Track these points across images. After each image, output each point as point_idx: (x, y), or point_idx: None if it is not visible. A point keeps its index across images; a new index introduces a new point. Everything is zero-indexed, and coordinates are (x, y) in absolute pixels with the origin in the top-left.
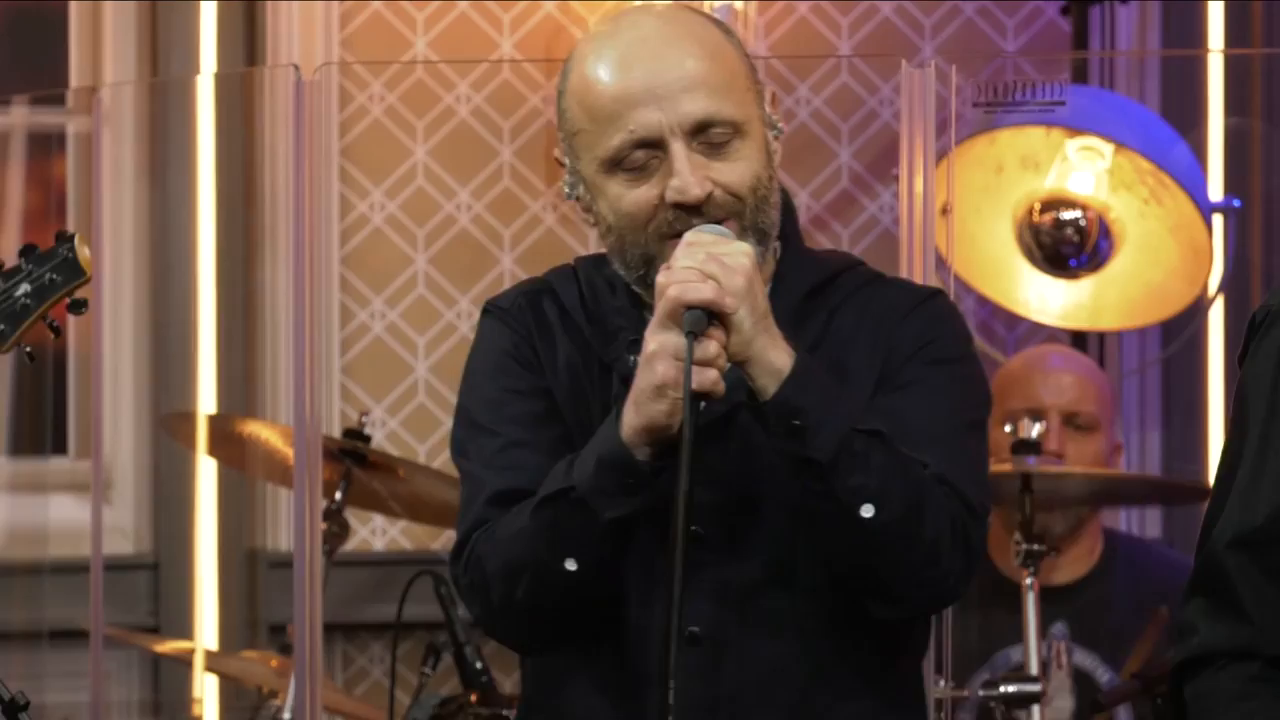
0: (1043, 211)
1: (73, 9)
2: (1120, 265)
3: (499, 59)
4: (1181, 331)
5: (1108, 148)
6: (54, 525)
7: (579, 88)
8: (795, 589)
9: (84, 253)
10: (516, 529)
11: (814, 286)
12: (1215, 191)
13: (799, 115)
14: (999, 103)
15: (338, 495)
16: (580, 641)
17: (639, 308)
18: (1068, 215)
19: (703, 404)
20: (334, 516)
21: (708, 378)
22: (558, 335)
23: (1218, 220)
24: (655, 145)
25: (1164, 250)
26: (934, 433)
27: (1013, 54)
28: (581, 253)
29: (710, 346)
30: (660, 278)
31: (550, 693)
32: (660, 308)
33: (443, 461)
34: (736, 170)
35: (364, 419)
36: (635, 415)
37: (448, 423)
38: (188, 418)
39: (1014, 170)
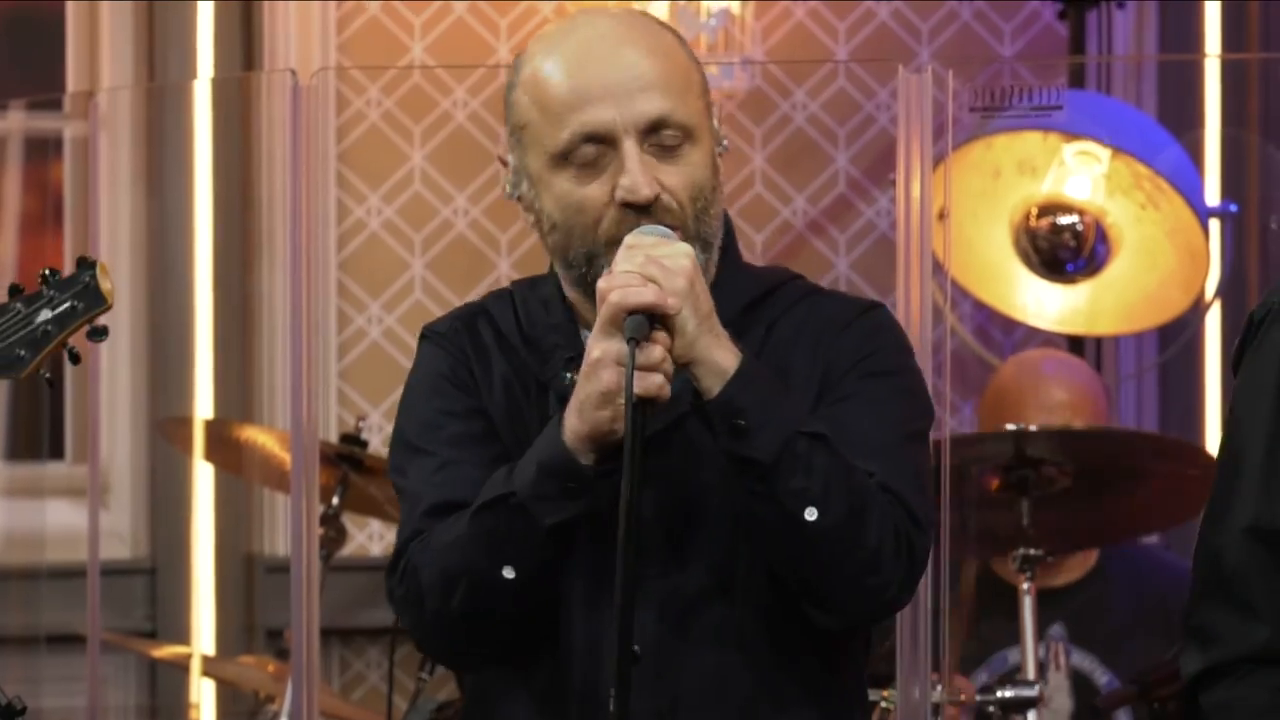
0: (1040, 216)
1: (69, 13)
2: (1117, 270)
3: (496, 64)
4: (1178, 336)
5: (1104, 152)
6: (51, 530)
7: (531, 81)
8: (737, 600)
9: (105, 281)
10: (453, 537)
11: (752, 299)
12: (1212, 196)
13: (795, 120)
14: (996, 107)
15: (334, 500)
16: (517, 655)
17: (575, 324)
18: (1065, 220)
19: (648, 411)
20: (331, 521)
21: (652, 383)
22: (494, 357)
23: (1215, 225)
24: (606, 142)
25: (1161, 255)
26: (874, 444)
27: (1009, 59)
28: None
29: (654, 351)
30: (601, 283)
31: (486, 706)
32: (602, 314)
33: None
34: (683, 175)
35: (361, 424)
36: (579, 422)
37: None
38: (185, 422)
39: (1011, 175)
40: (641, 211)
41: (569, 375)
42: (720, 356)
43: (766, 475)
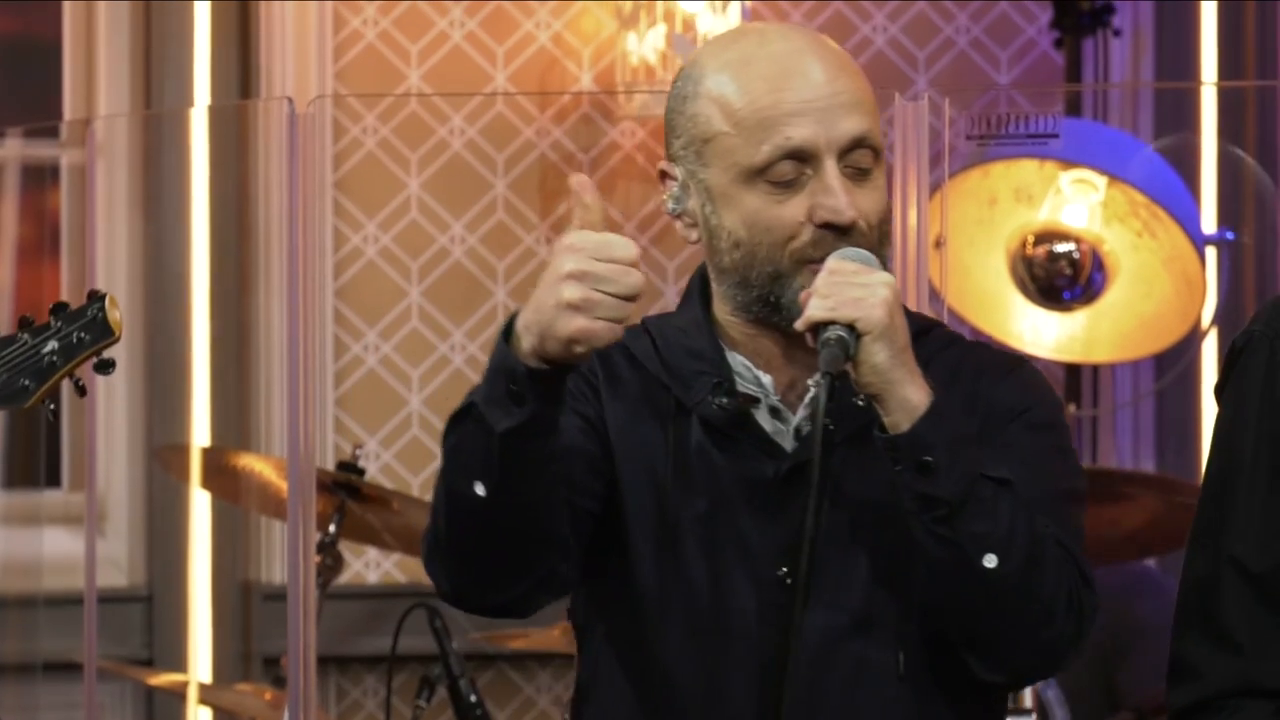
0: (1036, 244)
1: (67, 40)
2: (1114, 298)
3: (493, 92)
4: (1175, 364)
5: (1101, 180)
6: (48, 557)
7: (721, 93)
8: (877, 638)
9: (114, 314)
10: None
11: (912, 335)
12: (1209, 224)
13: None
14: (992, 135)
15: (331, 528)
16: (526, 605)
17: (722, 350)
18: (1061, 248)
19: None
20: (328, 549)
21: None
22: (625, 375)
23: (1211, 253)
24: (806, 160)
25: (1157, 283)
26: (1038, 497)
27: (1006, 86)
28: None
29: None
30: (801, 298)
31: None
32: (800, 321)
33: None
34: (872, 198)
35: (357, 452)
36: (533, 315)
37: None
38: (181, 450)
39: (1007, 203)
40: (840, 233)
41: (716, 401)
42: (912, 393)
43: (950, 516)
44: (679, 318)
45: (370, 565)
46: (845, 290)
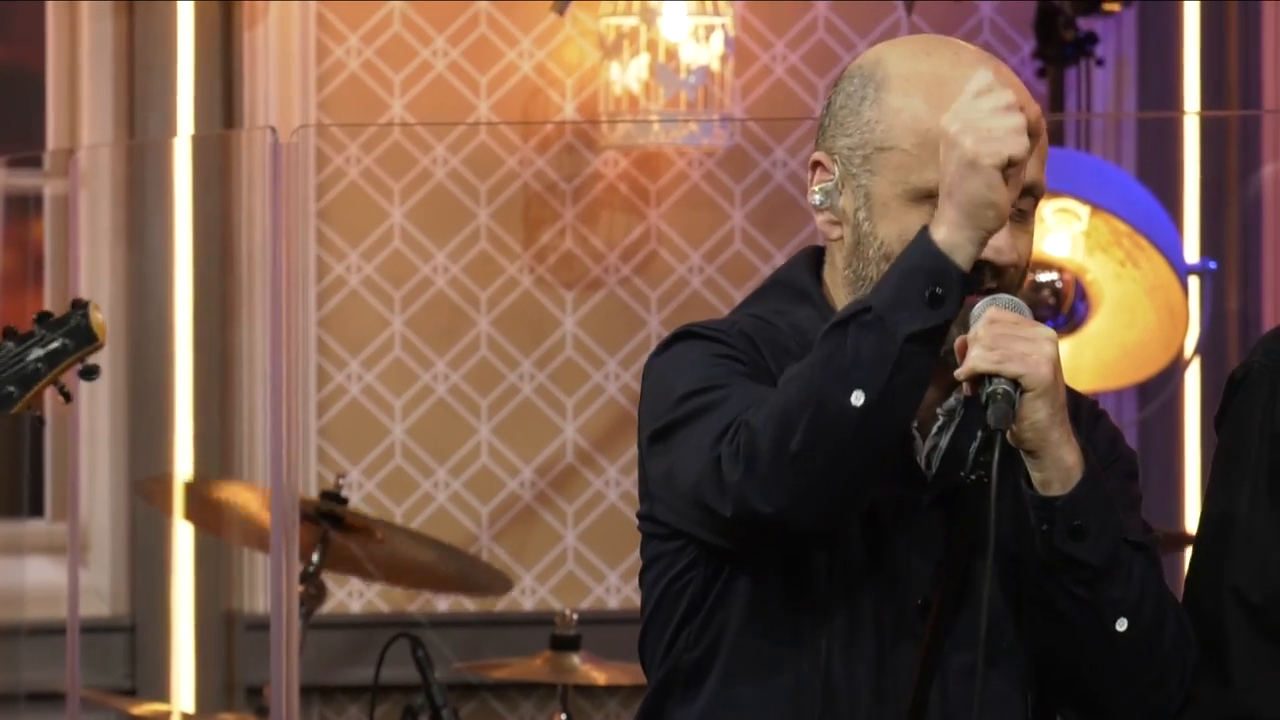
0: None
1: (50, 70)
2: (1097, 327)
3: (476, 121)
4: (1158, 393)
5: (1084, 210)
6: (30, 587)
7: (908, 107)
8: (1009, 677)
9: (97, 318)
10: (792, 374)
11: None
12: (1191, 253)
13: (775, 177)
14: None
15: (315, 557)
16: (844, 514)
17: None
18: (1044, 277)
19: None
20: (311, 579)
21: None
22: (778, 359)
23: (1194, 282)
24: None
25: (1140, 312)
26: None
27: None
28: (558, 317)
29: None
30: (960, 341)
31: None
32: (962, 368)
33: (420, 523)
34: (1025, 243)
35: (341, 481)
36: (957, 220)
37: (425, 485)
38: (164, 481)
39: None
40: (994, 273)
41: None
42: (1067, 454)
43: (1093, 580)
44: (796, 313)
45: (353, 595)
46: (1011, 344)
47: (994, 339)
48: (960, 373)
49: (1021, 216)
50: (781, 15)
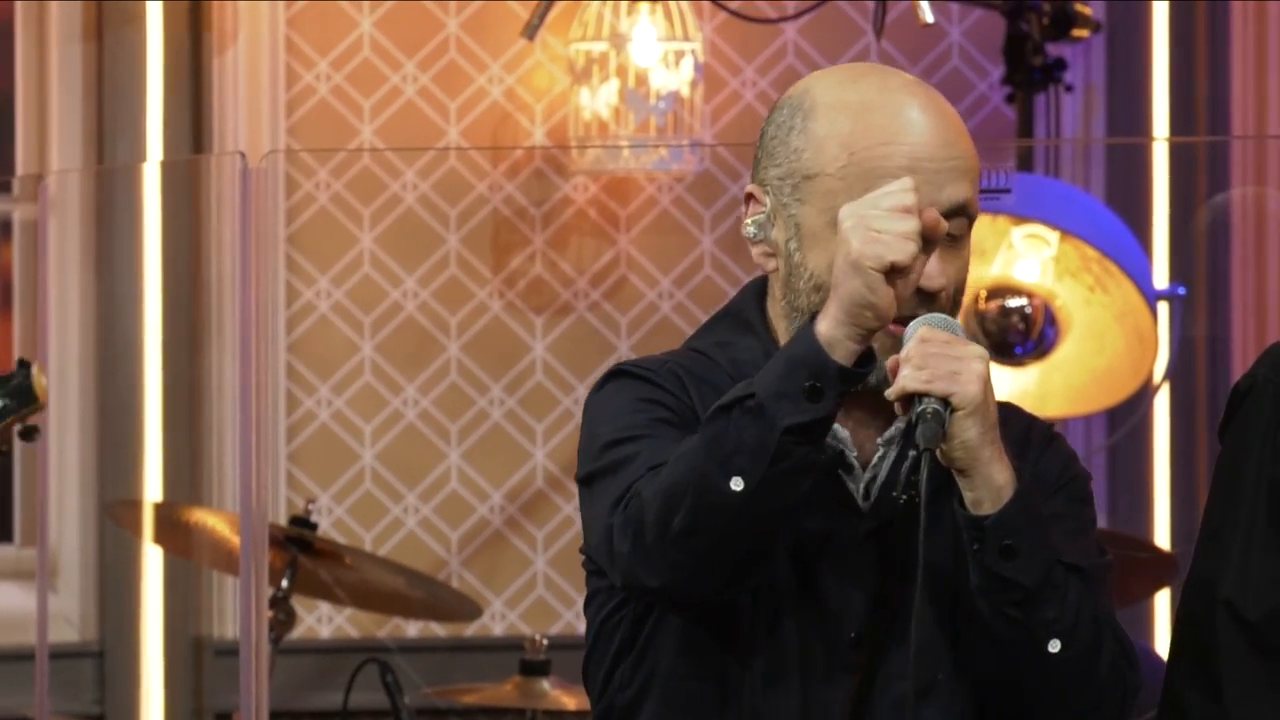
0: (988, 299)
1: (19, 95)
2: (1066, 352)
3: (446, 146)
4: (1127, 419)
5: (1053, 235)
6: None
7: (834, 134)
8: (943, 707)
9: (41, 381)
10: (682, 451)
11: None
12: (1160, 279)
13: None
14: None
15: (284, 583)
16: (733, 595)
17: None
18: (1013, 303)
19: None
20: (280, 604)
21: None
22: (707, 395)
23: (1163, 307)
24: None
25: (1109, 337)
26: (1087, 574)
27: None
28: (528, 342)
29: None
30: (890, 364)
31: None
32: (892, 390)
33: (389, 549)
34: (958, 266)
35: (310, 506)
36: (837, 316)
37: (395, 510)
38: (133, 505)
39: None
40: (925, 298)
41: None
42: (998, 472)
43: (1024, 601)
44: (738, 346)
45: (323, 620)
46: (941, 362)
47: (924, 358)
48: (890, 393)
49: (953, 240)
50: (751, 41)
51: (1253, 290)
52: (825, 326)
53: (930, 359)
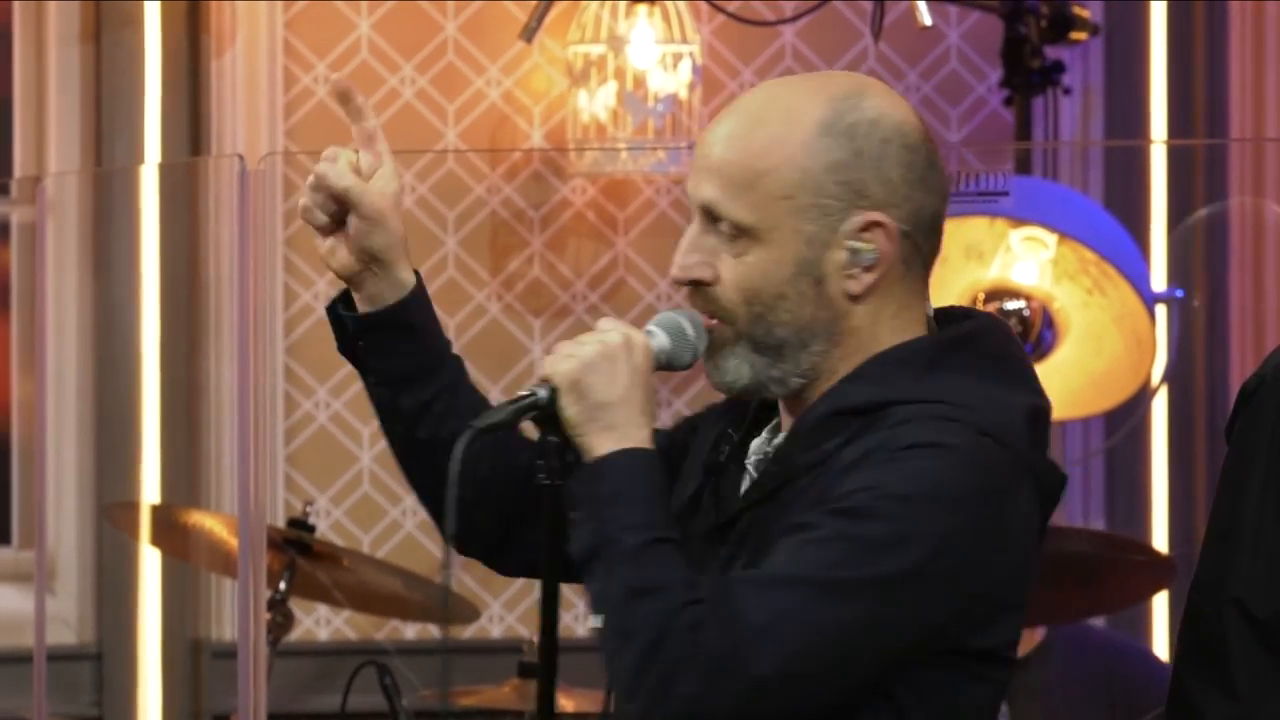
0: (986, 302)
1: (17, 98)
2: (1064, 355)
3: (443, 149)
4: (1125, 422)
5: (1051, 238)
6: None
7: None
8: None
9: None
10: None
11: (843, 409)
12: (1159, 281)
13: None
14: None
15: (282, 585)
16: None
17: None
18: (1011, 305)
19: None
20: (278, 606)
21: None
22: (720, 417)
23: (1161, 310)
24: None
25: (1108, 340)
26: (760, 577)
27: (956, 144)
28: (527, 344)
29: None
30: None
31: None
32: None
33: (388, 550)
34: (738, 272)
35: (308, 508)
36: None
37: (393, 512)
38: (131, 507)
39: (958, 260)
40: (694, 289)
41: (724, 450)
42: (596, 446)
43: (580, 571)
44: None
45: (321, 622)
46: (564, 347)
47: (565, 344)
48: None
49: (727, 241)
50: (749, 43)
51: (1250, 292)
52: None
53: (560, 347)
